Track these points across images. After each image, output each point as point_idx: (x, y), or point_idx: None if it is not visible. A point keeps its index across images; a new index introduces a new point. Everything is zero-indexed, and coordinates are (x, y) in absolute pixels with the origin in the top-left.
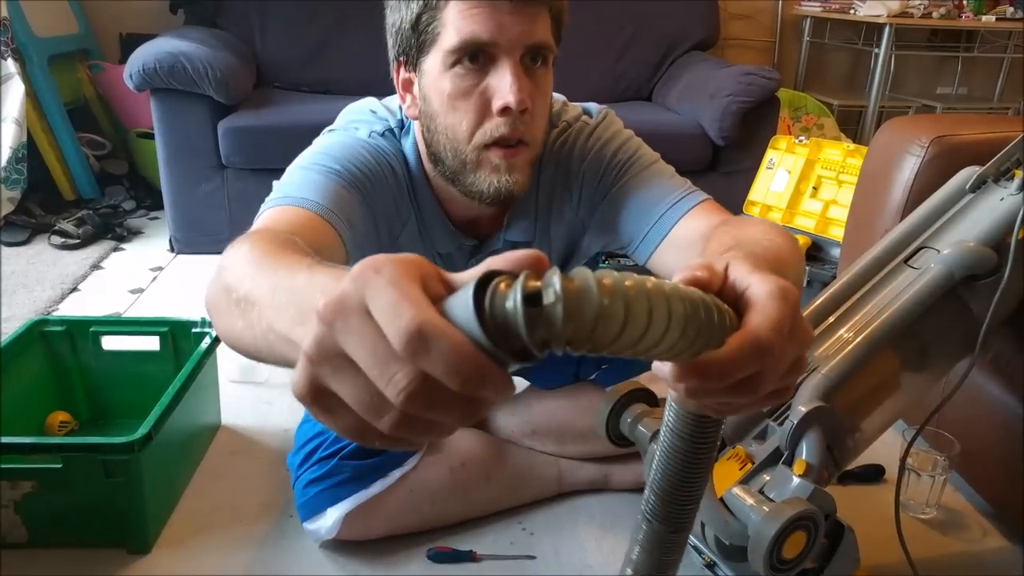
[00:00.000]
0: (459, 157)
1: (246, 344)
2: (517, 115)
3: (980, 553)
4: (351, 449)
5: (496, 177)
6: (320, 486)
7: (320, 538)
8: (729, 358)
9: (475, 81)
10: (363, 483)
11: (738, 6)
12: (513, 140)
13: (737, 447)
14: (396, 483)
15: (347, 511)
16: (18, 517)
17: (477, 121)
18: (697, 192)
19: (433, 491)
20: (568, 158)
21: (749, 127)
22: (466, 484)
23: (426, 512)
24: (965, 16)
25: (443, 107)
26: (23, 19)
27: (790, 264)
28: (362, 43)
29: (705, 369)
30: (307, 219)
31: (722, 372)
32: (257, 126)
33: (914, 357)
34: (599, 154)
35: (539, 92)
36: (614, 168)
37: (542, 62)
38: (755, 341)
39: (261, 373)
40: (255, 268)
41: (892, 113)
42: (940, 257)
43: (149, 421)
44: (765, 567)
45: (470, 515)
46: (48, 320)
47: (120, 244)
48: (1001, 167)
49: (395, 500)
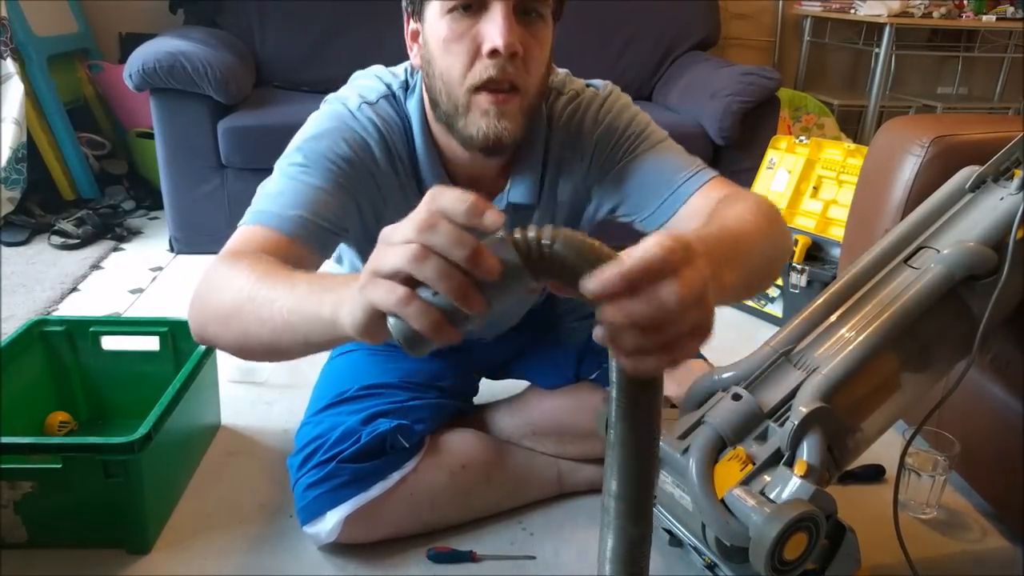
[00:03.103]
0: (452, 100)
1: (261, 338)
2: (507, 59)
3: (980, 553)
4: (351, 452)
5: (486, 122)
6: (319, 489)
7: (321, 542)
8: (601, 271)
9: (468, 26)
10: (363, 486)
11: (738, 6)
12: (503, 84)
13: (738, 448)
14: (396, 486)
15: (347, 514)
16: (18, 517)
17: (468, 63)
18: (708, 168)
19: (433, 494)
20: (580, 126)
21: (749, 127)
22: (466, 487)
23: (426, 515)
24: (965, 16)
25: (439, 51)
26: (22, 19)
27: (748, 239)
28: (362, 43)
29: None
30: (276, 241)
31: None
32: (257, 126)
33: (914, 357)
34: (612, 124)
35: (533, 41)
36: (627, 139)
37: (537, 15)
38: (618, 262)
39: (261, 373)
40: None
41: (892, 113)
42: (940, 257)
43: (149, 421)
44: (766, 568)
45: (470, 517)
46: (48, 320)
47: (120, 244)
48: (1001, 167)
49: (395, 503)
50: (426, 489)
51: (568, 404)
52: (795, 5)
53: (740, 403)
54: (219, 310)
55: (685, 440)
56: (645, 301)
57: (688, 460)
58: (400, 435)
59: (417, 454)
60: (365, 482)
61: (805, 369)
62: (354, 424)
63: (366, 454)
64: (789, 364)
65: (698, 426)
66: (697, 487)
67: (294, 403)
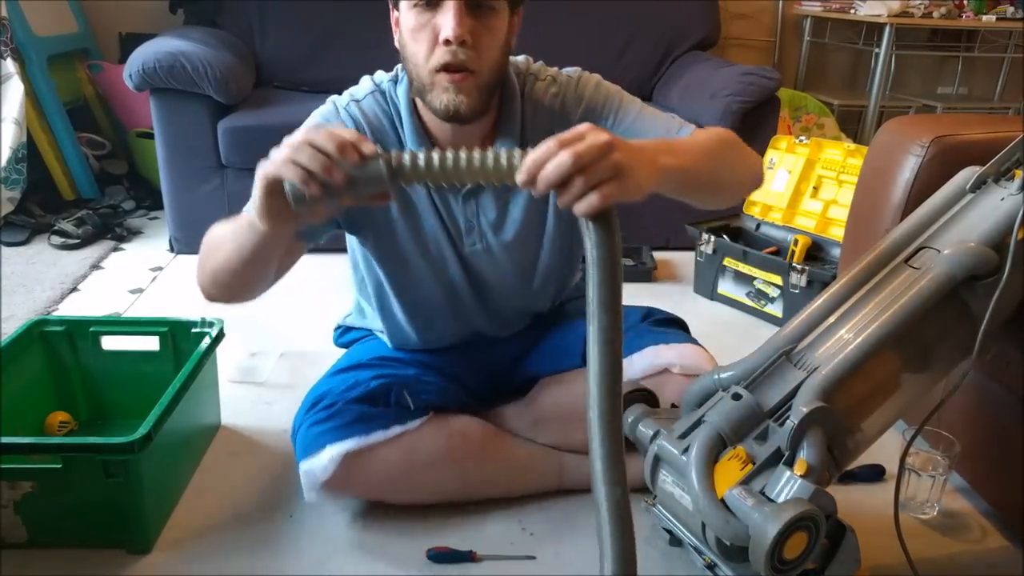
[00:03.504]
0: (420, 79)
1: (217, 265)
2: (457, 47)
3: (980, 553)
4: (357, 394)
5: (447, 97)
6: (323, 427)
7: (315, 481)
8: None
9: (428, 18)
10: (364, 429)
11: (738, 6)
12: (457, 67)
13: (738, 448)
14: (395, 438)
15: (345, 451)
16: (18, 517)
17: (429, 50)
18: (687, 123)
19: (430, 456)
20: (563, 105)
21: (749, 127)
22: (463, 454)
23: (421, 475)
24: (965, 16)
25: (409, 38)
26: (22, 19)
27: (685, 143)
28: (362, 43)
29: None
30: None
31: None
32: (257, 126)
33: (914, 357)
34: (593, 99)
35: (484, 30)
36: (610, 110)
37: (488, 8)
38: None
39: (261, 373)
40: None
41: (892, 113)
42: (941, 257)
43: (149, 421)
44: (766, 568)
45: (466, 493)
46: (48, 320)
47: (120, 244)
48: (1001, 167)
49: (392, 454)
50: (424, 450)
51: (573, 389)
52: (795, 5)
53: (740, 403)
54: (199, 263)
55: (685, 439)
56: (567, 152)
57: (688, 459)
58: (407, 394)
59: (420, 418)
60: (367, 425)
61: (805, 369)
62: (364, 379)
63: (371, 400)
64: (789, 364)
65: (698, 425)
66: (697, 486)
67: (294, 403)
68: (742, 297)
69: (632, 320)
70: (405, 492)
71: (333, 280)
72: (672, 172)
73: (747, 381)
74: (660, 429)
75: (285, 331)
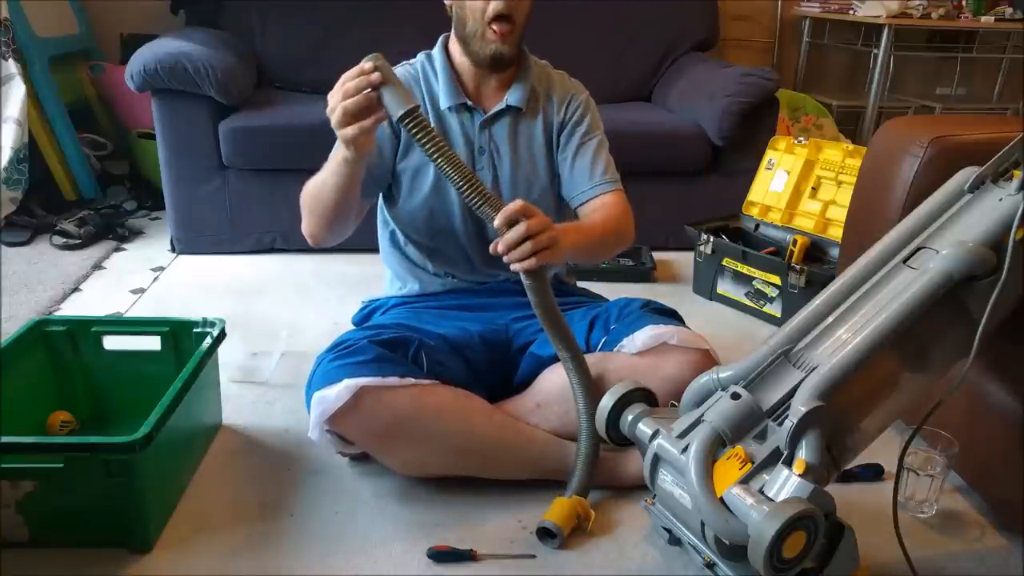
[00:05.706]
0: (474, 27)
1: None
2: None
3: (979, 553)
4: (380, 339)
5: (495, 45)
6: (343, 361)
7: (326, 408)
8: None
9: None
10: (382, 369)
11: (738, 6)
12: (508, 15)
13: (737, 447)
14: (408, 387)
15: (361, 384)
16: (19, 517)
17: (485, 3)
18: (618, 181)
19: (439, 407)
20: (560, 83)
21: (748, 128)
22: (470, 409)
23: (429, 424)
24: (964, 17)
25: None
26: (24, 20)
27: (589, 228)
28: (362, 43)
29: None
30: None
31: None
32: (258, 126)
33: (913, 357)
34: (584, 112)
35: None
36: (589, 130)
37: None
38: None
39: (262, 373)
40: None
41: (891, 114)
42: (939, 257)
43: (150, 421)
44: (765, 567)
45: (473, 445)
46: (49, 320)
47: (121, 244)
48: (1000, 167)
49: (402, 402)
50: (433, 402)
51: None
52: (794, 6)
53: (739, 402)
54: (304, 212)
55: (684, 439)
56: (519, 229)
57: (687, 458)
58: (424, 353)
59: (432, 380)
60: (385, 367)
61: (804, 368)
62: (388, 328)
63: (391, 347)
64: (788, 363)
65: (697, 425)
66: (696, 485)
67: (295, 402)
68: (741, 297)
69: (632, 307)
70: (409, 438)
71: (333, 281)
72: (577, 248)
73: (746, 381)
74: (659, 428)
75: (286, 331)
